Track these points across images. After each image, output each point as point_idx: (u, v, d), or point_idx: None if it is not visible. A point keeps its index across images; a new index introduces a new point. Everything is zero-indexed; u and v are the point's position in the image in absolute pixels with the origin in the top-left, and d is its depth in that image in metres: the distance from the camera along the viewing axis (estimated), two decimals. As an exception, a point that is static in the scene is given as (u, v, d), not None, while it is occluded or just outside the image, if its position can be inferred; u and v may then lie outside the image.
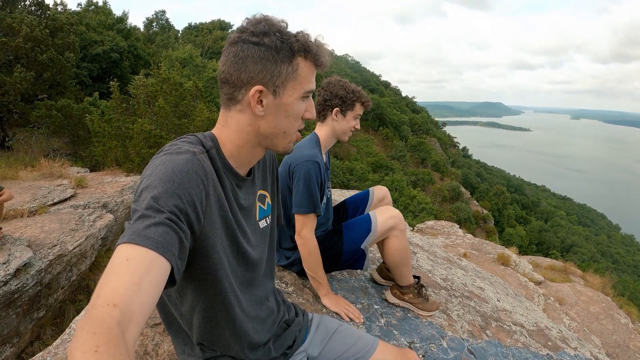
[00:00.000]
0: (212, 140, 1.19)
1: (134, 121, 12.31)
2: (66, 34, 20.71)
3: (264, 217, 1.41)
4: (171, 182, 0.97)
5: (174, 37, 57.53)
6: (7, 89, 17.11)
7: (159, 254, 0.86)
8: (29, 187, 9.65)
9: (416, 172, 68.17)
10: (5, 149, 18.71)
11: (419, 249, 3.80)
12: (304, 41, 1.13)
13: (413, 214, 45.19)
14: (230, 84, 1.13)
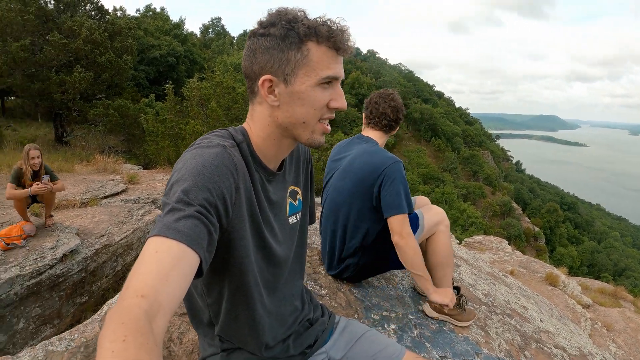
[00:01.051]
0: (243, 134, 1.19)
1: (186, 122, 12.62)
2: (124, 38, 21.61)
3: (294, 213, 1.39)
4: (201, 175, 0.98)
5: (229, 43, 58.72)
6: (67, 87, 17.97)
7: (187, 246, 0.87)
8: (82, 180, 10.04)
9: (467, 185, 66.93)
10: (63, 144, 19.65)
11: (463, 262, 3.69)
12: (311, 25, 1.09)
13: (462, 228, 44.38)
14: (248, 78, 1.14)
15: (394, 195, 2.22)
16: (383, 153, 2.35)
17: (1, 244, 5.51)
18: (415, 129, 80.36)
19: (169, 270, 0.82)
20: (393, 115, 2.47)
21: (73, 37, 18.42)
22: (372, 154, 2.37)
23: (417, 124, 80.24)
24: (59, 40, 17.69)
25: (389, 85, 77.35)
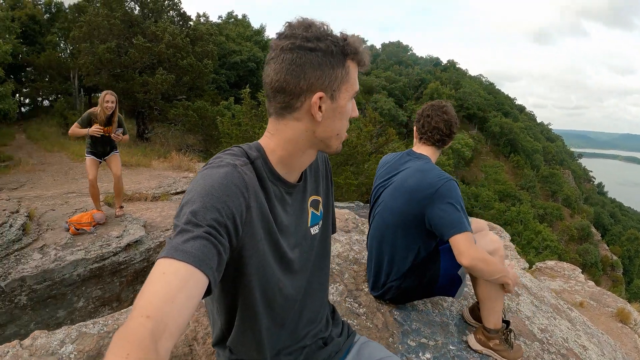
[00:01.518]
0: (258, 150, 1.18)
1: (261, 127, 12.84)
2: (205, 43, 22.82)
3: (316, 223, 1.38)
4: (209, 196, 0.98)
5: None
6: (150, 88, 19.16)
7: (195, 267, 0.88)
8: (157, 175, 10.47)
9: (545, 205, 63.71)
10: (144, 140, 20.80)
11: (524, 290, 3.45)
12: (353, 44, 1.12)
13: (536, 251, 42.39)
14: (287, 93, 1.10)
15: (452, 214, 2.07)
16: (436, 171, 2.21)
17: (71, 229, 5.89)
18: (494, 143, 77.67)
19: (175, 292, 0.83)
20: (446, 130, 2.32)
21: (156, 42, 19.72)
22: (424, 172, 2.22)
23: (496, 139, 77.47)
24: (143, 44, 19.06)
25: (469, 97, 75.35)
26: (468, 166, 63.87)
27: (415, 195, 2.17)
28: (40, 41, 25.74)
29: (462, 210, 2.09)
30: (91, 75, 19.99)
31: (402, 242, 2.27)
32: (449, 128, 2.33)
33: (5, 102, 13.79)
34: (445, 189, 2.10)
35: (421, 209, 2.15)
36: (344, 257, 3.07)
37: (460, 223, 2.04)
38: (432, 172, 2.20)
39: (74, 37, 20.49)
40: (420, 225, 2.18)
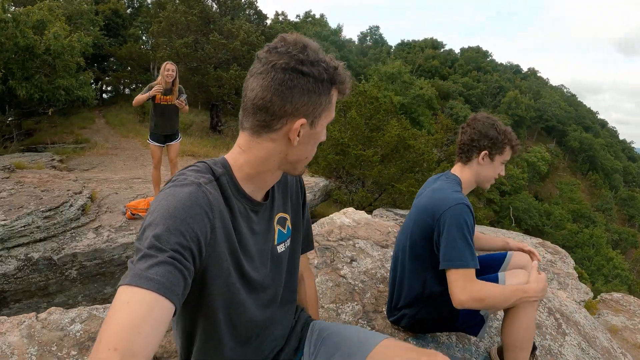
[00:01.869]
0: (224, 166, 1.15)
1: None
2: None
3: (283, 241, 1.35)
4: (173, 218, 0.95)
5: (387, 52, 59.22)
6: (223, 83, 19.87)
7: (160, 295, 0.85)
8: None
9: (620, 230, 59.15)
10: (217, 132, 21.56)
11: (573, 329, 3.09)
12: (342, 73, 1.11)
13: (605, 278, 39.69)
14: (270, 113, 1.07)
15: (451, 246, 1.86)
16: (447, 192, 2.01)
17: (127, 213, 6.14)
18: (572, 159, 73.25)
19: (141, 321, 0.81)
20: (468, 142, 2.12)
21: (231, 38, 20.46)
22: (436, 191, 2.05)
23: (575, 154, 72.72)
24: (219, 40, 19.82)
25: (548, 108, 71.60)
26: (543, 182, 60.79)
27: (423, 216, 2.03)
28: (122, 34, 27.02)
29: (466, 240, 1.87)
30: (168, 68, 20.80)
31: (410, 266, 2.13)
32: (473, 141, 2.11)
33: (85, 89, 14.60)
34: (451, 213, 1.90)
35: (429, 232, 1.99)
36: (370, 275, 2.89)
37: (459, 257, 1.84)
38: (443, 192, 2.03)
39: (153, 32, 21.55)
40: (429, 250, 2.02)
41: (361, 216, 3.92)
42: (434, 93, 38.13)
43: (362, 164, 11.60)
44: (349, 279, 2.79)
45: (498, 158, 2.12)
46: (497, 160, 2.12)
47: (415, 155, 12.44)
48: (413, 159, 12.21)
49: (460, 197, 1.94)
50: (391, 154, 11.97)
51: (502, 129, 2.10)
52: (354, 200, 11.45)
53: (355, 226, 3.68)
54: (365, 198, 11.12)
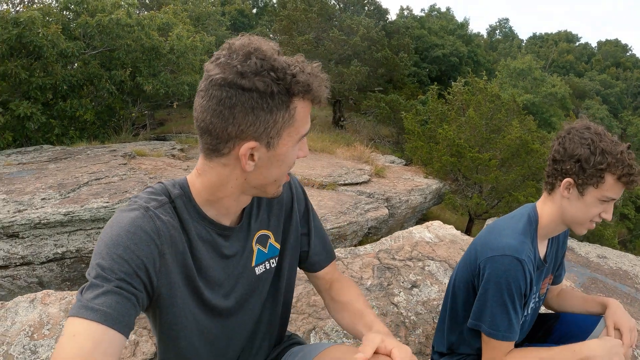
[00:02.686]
0: (182, 188, 1.07)
1: (442, 126, 12.47)
2: (401, 37, 23.41)
3: (264, 260, 1.23)
4: (116, 246, 0.91)
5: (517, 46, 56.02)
6: (345, 78, 20.09)
7: (108, 327, 0.84)
8: (335, 163, 10.78)
9: None
10: (339, 127, 21.91)
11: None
12: (304, 80, 0.93)
13: None
14: (213, 136, 0.95)
15: (482, 306, 1.54)
16: (500, 234, 1.58)
17: None
18: None
19: (88, 355, 0.80)
20: (551, 163, 1.61)
21: (351, 34, 20.75)
22: (491, 230, 1.65)
23: None
24: (339, 37, 20.16)
25: None
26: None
27: (468, 256, 1.71)
28: (249, 32, 28.68)
29: (503, 306, 1.49)
30: (293, 65, 21.92)
31: (451, 312, 1.81)
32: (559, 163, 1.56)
33: None
34: (492, 265, 1.51)
35: (470, 278, 1.66)
36: (430, 307, 2.47)
37: (491, 323, 1.51)
38: (495, 233, 1.61)
39: (275, 30, 22.55)
40: (468, 298, 1.69)
41: (447, 232, 3.44)
42: (568, 91, 35.24)
43: (479, 168, 10.92)
44: (401, 309, 2.41)
45: (592, 192, 1.50)
46: (590, 195, 1.50)
47: (539, 161, 11.36)
48: (536, 165, 11.03)
49: (511, 246, 1.50)
50: (511, 158, 11.12)
51: (602, 147, 1.46)
52: (467, 206, 10.84)
53: (436, 243, 3.20)
54: (480, 205, 10.45)
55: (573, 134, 1.53)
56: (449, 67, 33.79)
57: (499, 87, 14.63)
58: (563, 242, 1.86)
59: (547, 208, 1.64)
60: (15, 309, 2.23)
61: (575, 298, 1.94)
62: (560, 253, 1.85)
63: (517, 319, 1.51)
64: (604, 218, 1.55)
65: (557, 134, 1.62)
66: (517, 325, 1.51)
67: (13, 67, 9.90)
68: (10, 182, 6.97)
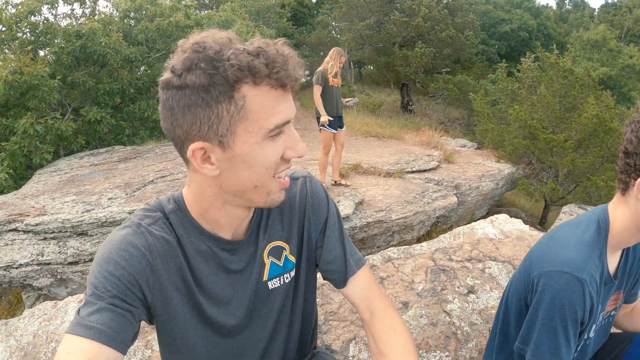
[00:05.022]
0: (176, 203, 1.04)
1: (512, 106, 11.95)
2: (465, 14, 22.47)
3: (279, 275, 1.14)
4: (108, 263, 0.91)
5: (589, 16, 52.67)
6: (410, 61, 19.81)
7: (103, 344, 0.84)
8: (403, 150, 10.56)
9: None
10: (408, 111, 21.75)
11: None
12: (242, 61, 0.80)
13: None
14: (173, 141, 0.91)
15: (532, 327, 1.31)
16: (558, 247, 1.31)
17: None
18: None
19: None
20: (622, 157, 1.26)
21: (413, 16, 20.10)
22: (551, 239, 1.38)
23: None
24: (400, 19, 19.64)
25: None
26: None
27: (523, 267, 1.45)
28: (310, 22, 29.07)
29: (553, 332, 1.25)
30: (354, 51, 21.65)
31: (502, 326, 1.58)
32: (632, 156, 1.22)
33: None
34: (546, 282, 1.26)
35: (523, 294, 1.42)
36: (487, 316, 2.17)
37: (536, 351, 1.29)
38: (556, 242, 1.34)
39: (335, 17, 22.39)
40: (520, 315, 1.45)
41: (514, 226, 3.08)
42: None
43: (554, 151, 10.31)
44: (453, 318, 2.15)
45: None
46: None
47: (619, 141, 10.57)
48: (616, 146, 10.08)
49: (572, 261, 1.24)
50: (588, 139, 10.37)
51: None
52: (543, 192, 10.28)
53: (500, 240, 2.86)
54: (555, 191, 9.83)
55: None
56: (518, 42, 32.44)
57: (572, 61, 13.70)
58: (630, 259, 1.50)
59: (619, 213, 1.31)
60: (65, 308, 2.30)
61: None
62: (636, 268, 1.53)
63: (569, 348, 1.27)
64: None
65: (631, 117, 1.27)
66: (566, 356, 1.27)
67: (80, 76, 10.63)
68: (81, 183, 7.43)
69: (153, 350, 2.00)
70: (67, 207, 6.02)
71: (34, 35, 11.15)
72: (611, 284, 1.39)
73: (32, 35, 11.19)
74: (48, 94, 9.67)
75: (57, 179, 7.95)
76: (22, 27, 10.97)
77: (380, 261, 2.64)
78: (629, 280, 1.52)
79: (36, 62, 9.81)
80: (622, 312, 1.68)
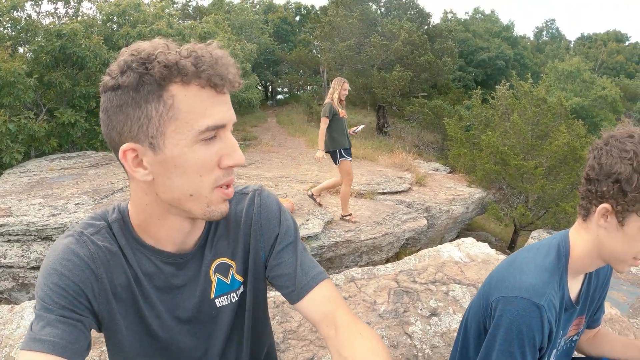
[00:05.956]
0: (120, 212, 0.99)
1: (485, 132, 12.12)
2: (444, 40, 23.04)
3: (226, 292, 1.08)
4: (52, 275, 0.89)
5: (565, 47, 54.25)
6: (387, 84, 20.03)
7: (57, 356, 0.83)
8: (375, 172, 10.61)
9: None
10: (383, 133, 21.89)
11: None
12: (170, 61, 0.79)
13: None
14: (110, 145, 0.89)
15: (487, 351, 1.28)
16: (517, 272, 1.29)
17: None
18: None
19: None
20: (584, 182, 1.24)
21: (393, 39, 20.53)
22: (511, 264, 1.35)
23: None
24: (380, 42, 20.01)
25: None
26: None
27: (482, 292, 1.42)
28: (292, 39, 29.54)
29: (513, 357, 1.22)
30: (333, 71, 21.85)
31: (459, 352, 1.55)
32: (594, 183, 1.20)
33: (250, 92, 16.36)
34: (504, 307, 1.23)
35: (482, 319, 1.39)
36: (450, 339, 2.15)
37: None
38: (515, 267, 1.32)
39: (316, 36, 22.74)
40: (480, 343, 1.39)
41: (480, 250, 3.07)
42: (619, 94, 33.81)
43: (524, 177, 10.44)
44: (415, 340, 2.12)
45: (636, 222, 1.15)
46: (633, 226, 1.16)
47: None
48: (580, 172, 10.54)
49: (531, 287, 1.22)
50: (559, 166, 10.53)
51: None
52: (512, 217, 10.37)
53: (466, 264, 2.84)
54: (524, 216, 9.89)
55: (611, 146, 1.17)
56: (495, 70, 33.15)
57: (547, 90, 13.98)
58: (605, 282, 1.51)
59: (580, 238, 1.29)
60: (21, 312, 2.25)
61: (614, 342, 1.63)
62: (599, 292, 1.52)
63: None
64: None
65: (593, 144, 1.24)
66: None
67: (58, 77, 10.50)
68: (49, 186, 7.29)
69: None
70: (33, 210, 5.91)
71: (15, 31, 11.06)
72: (573, 309, 1.38)
73: (13, 31, 11.11)
74: (23, 92, 9.53)
75: (25, 180, 7.83)
76: (3, 22, 10.86)
77: (343, 281, 2.60)
78: (591, 306, 1.51)
79: (14, 59, 9.68)
80: (585, 337, 1.67)
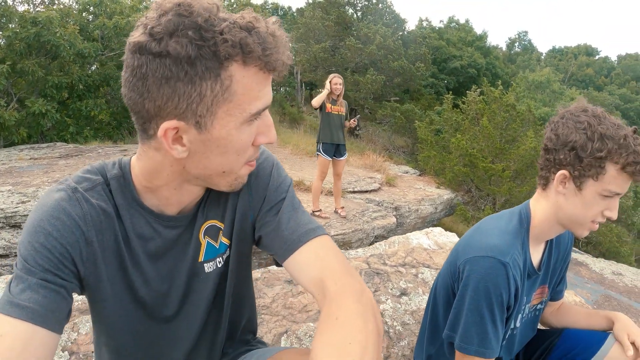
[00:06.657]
0: (121, 169, 0.92)
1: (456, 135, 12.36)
2: (418, 46, 23.41)
3: (214, 257, 1.02)
4: (38, 233, 0.81)
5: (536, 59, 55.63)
6: (360, 87, 20.17)
7: (37, 325, 0.77)
8: (347, 171, 10.57)
9: None
10: (354, 136, 21.91)
11: None
12: (236, 38, 0.71)
13: None
14: (137, 114, 0.79)
15: (457, 314, 1.33)
16: (485, 234, 1.36)
17: None
18: None
19: (18, 356, 0.74)
20: (543, 153, 1.35)
21: (368, 43, 20.73)
22: (476, 231, 1.42)
23: None
24: (355, 45, 20.18)
25: None
26: None
27: (449, 260, 1.48)
28: None
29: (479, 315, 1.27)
30: (307, 72, 21.98)
31: (431, 321, 1.57)
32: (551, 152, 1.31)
33: None
34: (471, 267, 1.29)
35: (450, 285, 1.44)
36: (420, 317, 2.18)
37: (464, 335, 1.29)
38: (480, 233, 1.39)
39: (292, 38, 22.67)
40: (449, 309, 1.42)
41: (448, 239, 3.13)
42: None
43: (492, 179, 10.70)
44: (386, 317, 2.16)
45: (592, 186, 1.25)
46: (589, 190, 1.25)
47: None
48: None
49: (495, 247, 1.28)
50: (525, 169, 10.86)
51: (601, 132, 1.21)
52: (479, 218, 10.67)
53: (434, 251, 2.86)
54: None
55: (567, 118, 1.28)
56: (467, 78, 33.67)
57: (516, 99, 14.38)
58: (566, 252, 1.59)
59: (540, 206, 1.38)
60: None
61: (577, 313, 1.70)
62: (560, 264, 1.60)
63: (496, 332, 1.29)
64: (608, 217, 1.30)
65: (550, 119, 1.36)
66: (494, 340, 1.28)
67: (31, 65, 10.19)
68: (19, 175, 7.13)
69: (79, 333, 1.90)
70: (2, 197, 5.75)
71: (-11, 18, 10.65)
72: (535, 275, 1.46)
73: (-13, 17, 10.69)
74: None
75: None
76: (-23, 7, 10.45)
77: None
78: (554, 277, 1.59)
79: (-14, 46, 9.32)
80: (549, 310, 1.75)
